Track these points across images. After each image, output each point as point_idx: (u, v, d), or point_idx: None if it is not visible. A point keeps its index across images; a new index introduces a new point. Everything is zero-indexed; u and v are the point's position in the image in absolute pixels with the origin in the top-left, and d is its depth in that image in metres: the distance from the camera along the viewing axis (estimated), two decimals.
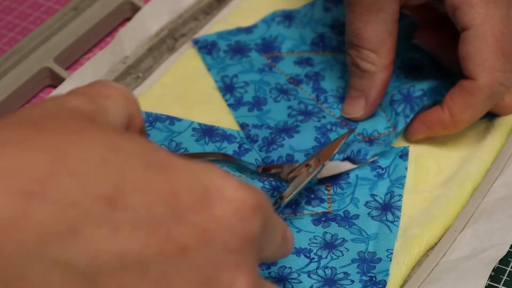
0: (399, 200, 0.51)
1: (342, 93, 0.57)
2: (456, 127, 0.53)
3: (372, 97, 0.54)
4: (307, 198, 0.51)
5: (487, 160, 0.53)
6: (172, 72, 0.60)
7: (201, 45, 0.61)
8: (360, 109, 0.54)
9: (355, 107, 0.55)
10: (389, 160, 0.53)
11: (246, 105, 0.57)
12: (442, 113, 0.53)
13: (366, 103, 0.54)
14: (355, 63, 0.54)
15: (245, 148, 0.54)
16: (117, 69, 0.59)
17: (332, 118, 0.56)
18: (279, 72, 0.59)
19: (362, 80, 0.54)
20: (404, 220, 0.50)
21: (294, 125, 0.55)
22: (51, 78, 0.60)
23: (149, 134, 0.55)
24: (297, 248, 0.49)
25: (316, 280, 0.47)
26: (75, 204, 0.29)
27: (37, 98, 0.60)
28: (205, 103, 0.57)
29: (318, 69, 0.59)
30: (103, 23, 0.63)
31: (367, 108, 0.54)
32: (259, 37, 0.61)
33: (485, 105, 0.52)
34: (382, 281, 0.47)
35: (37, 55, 0.60)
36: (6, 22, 0.65)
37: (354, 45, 0.53)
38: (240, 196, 0.33)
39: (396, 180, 0.52)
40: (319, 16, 0.62)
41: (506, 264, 0.49)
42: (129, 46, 0.60)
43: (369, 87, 0.54)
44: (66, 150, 0.30)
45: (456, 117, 0.52)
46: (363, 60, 0.53)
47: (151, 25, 0.62)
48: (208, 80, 0.59)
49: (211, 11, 0.64)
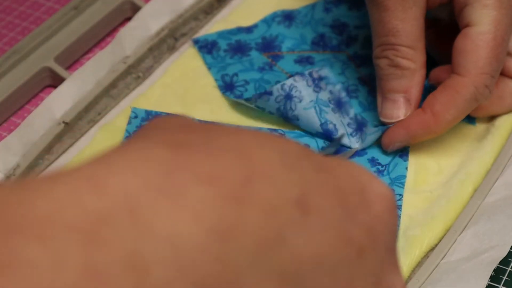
0: (399, 200, 0.51)
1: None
2: (437, 127, 0.51)
3: (415, 97, 0.52)
4: None
5: (487, 160, 0.53)
6: (172, 72, 0.60)
7: (201, 44, 0.61)
8: (402, 112, 0.52)
9: (396, 110, 0.52)
10: (389, 158, 0.53)
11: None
12: (423, 114, 0.51)
13: (408, 104, 0.52)
14: (395, 63, 0.52)
15: None
16: (118, 69, 0.59)
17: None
18: (279, 70, 0.59)
19: (402, 80, 0.52)
20: (405, 220, 0.50)
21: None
22: (52, 77, 0.60)
23: None
24: None
25: None
26: (276, 209, 0.28)
27: (37, 98, 0.60)
28: (205, 102, 0.57)
29: (318, 67, 0.59)
30: (103, 22, 0.63)
31: (411, 110, 0.52)
32: (260, 37, 0.61)
33: (467, 106, 0.51)
34: None
35: (37, 54, 0.60)
36: (7, 22, 0.65)
37: (392, 44, 0.52)
38: (386, 192, 0.32)
39: (396, 178, 0.52)
40: (320, 16, 0.62)
41: (506, 264, 0.49)
42: (129, 46, 0.60)
43: (410, 86, 0.52)
44: (250, 152, 0.29)
45: (439, 116, 0.51)
46: (403, 58, 0.52)
47: (152, 24, 0.62)
48: (208, 79, 0.59)
49: (211, 11, 0.64)
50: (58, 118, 0.56)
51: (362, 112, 0.56)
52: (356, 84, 0.58)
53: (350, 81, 0.58)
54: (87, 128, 0.57)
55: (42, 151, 0.55)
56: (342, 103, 0.54)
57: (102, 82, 0.58)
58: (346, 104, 0.54)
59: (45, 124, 0.56)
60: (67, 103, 0.57)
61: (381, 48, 0.52)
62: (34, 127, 0.55)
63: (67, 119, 0.56)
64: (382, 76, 0.53)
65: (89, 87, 0.58)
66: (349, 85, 0.57)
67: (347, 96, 0.55)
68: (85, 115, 0.57)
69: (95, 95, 0.58)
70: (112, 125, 0.56)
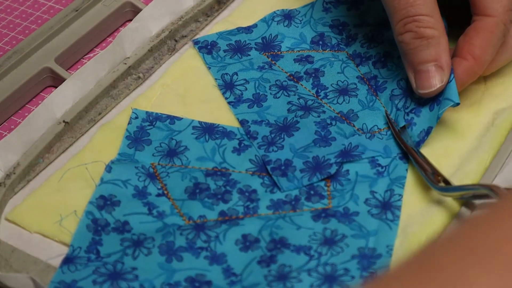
0: (399, 200, 0.51)
1: (343, 87, 0.57)
2: (480, 70, 0.54)
3: (445, 62, 0.54)
4: (307, 194, 0.51)
5: (486, 159, 0.53)
6: (172, 72, 0.60)
7: (201, 45, 0.61)
8: (438, 79, 0.53)
9: (431, 79, 0.54)
10: (389, 159, 0.53)
11: (246, 102, 0.57)
12: (465, 61, 0.54)
13: (441, 70, 0.53)
14: (420, 33, 0.53)
15: (245, 145, 0.54)
16: (118, 70, 0.59)
17: (332, 113, 0.56)
18: (279, 69, 0.59)
19: (430, 49, 0.53)
20: (404, 219, 0.50)
21: (293, 121, 0.55)
22: (52, 78, 0.60)
23: (150, 133, 0.55)
24: (296, 245, 0.49)
25: (316, 278, 0.47)
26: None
27: (38, 98, 0.60)
28: (205, 102, 0.58)
29: (318, 66, 0.59)
30: (104, 24, 0.64)
31: (445, 75, 0.54)
32: (259, 37, 0.61)
33: (499, 43, 0.54)
34: None
35: (38, 55, 0.61)
36: (8, 22, 0.66)
37: (412, 16, 0.53)
38: None
39: (396, 179, 0.52)
40: (319, 16, 0.62)
41: None
42: (130, 47, 0.61)
43: (439, 53, 0.53)
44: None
45: (480, 59, 0.54)
46: (427, 27, 0.53)
47: (152, 26, 0.62)
48: (208, 79, 0.59)
49: (211, 13, 0.64)
50: (59, 118, 0.56)
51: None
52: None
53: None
54: (87, 127, 0.57)
55: (42, 150, 0.55)
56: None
57: (102, 82, 0.59)
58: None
59: (45, 123, 0.56)
60: (67, 102, 0.57)
61: (403, 23, 0.54)
62: (34, 126, 0.55)
63: (67, 118, 0.56)
64: (409, 51, 0.54)
65: (89, 87, 0.58)
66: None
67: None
68: (85, 114, 0.57)
69: (95, 95, 0.58)
70: (112, 124, 0.57)
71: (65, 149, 0.56)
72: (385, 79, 0.57)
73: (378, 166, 0.53)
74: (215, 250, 0.49)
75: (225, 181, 0.52)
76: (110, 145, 0.55)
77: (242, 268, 0.48)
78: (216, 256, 0.49)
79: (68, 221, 0.51)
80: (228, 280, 0.48)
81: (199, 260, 0.49)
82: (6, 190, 0.53)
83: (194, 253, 0.49)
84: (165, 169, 0.53)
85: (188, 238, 0.50)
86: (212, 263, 0.48)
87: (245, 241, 0.49)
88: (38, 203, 0.52)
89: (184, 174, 0.53)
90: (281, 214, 0.51)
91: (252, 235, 0.49)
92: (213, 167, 0.53)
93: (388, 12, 0.55)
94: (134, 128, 0.56)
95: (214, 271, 0.48)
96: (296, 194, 0.51)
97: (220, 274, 0.48)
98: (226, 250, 0.49)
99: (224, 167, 0.53)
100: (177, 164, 0.54)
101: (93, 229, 0.50)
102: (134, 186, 0.52)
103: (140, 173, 0.53)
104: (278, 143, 0.54)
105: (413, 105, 0.54)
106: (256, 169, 0.53)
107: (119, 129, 0.56)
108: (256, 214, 0.51)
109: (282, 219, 0.50)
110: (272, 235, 0.49)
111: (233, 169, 0.53)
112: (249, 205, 0.51)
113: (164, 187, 0.52)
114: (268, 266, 0.48)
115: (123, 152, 0.54)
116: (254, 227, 0.50)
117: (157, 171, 0.53)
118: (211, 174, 0.53)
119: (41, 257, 0.50)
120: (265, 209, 0.51)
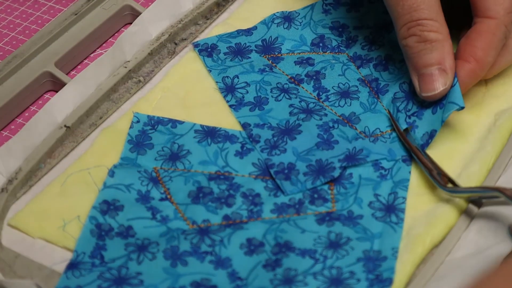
0: (403, 203, 0.51)
1: (344, 89, 0.57)
2: (483, 72, 0.54)
3: (449, 65, 0.54)
4: (311, 198, 0.51)
5: (489, 160, 0.53)
6: (173, 76, 0.60)
7: (201, 48, 0.61)
8: (442, 82, 0.54)
9: (435, 83, 0.54)
10: (392, 162, 0.53)
11: (247, 105, 0.57)
12: (468, 64, 0.54)
13: (444, 73, 0.54)
14: (423, 37, 0.53)
15: (247, 148, 0.54)
16: (118, 73, 0.59)
17: (333, 116, 0.56)
18: (279, 72, 0.59)
19: (434, 53, 0.54)
20: (408, 221, 0.50)
21: (296, 124, 0.55)
22: (52, 82, 0.60)
23: (152, 137, 0.55)
24: (301, 249, 0.49)
25: (322, 281, 0.47)
26: None
27: (38, 102, 0.60)
28: (206, 105, 0.57)
29: (318, 68, 0.59)
30: (103, 28, 0.63)
31: (448, 79, 0.54)
32: (259, 39, 0.61)
33: (500, 45, 0.55)
34: (389, 279, 0.47)
35: (38, 59, 0.61)
36: (8, 22, 0.66)
37: (416, 20, 0.53)
38: None
39: (400, 182, 0.52)
40: (319, 17, 0.62)
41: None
42: (130, 51, 0.61)
43: (443, 57, 0.54)
44: None
45: (482, 62, 0.54)
46: (430, 31, 0.53)
47: (152, 29, 0.62)
48: (209, 82, 0.59)
49: (211, 16, 0.64)
50: (60, 122, 0.56)
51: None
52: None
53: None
54: (89, 132, 0.57)
55: (44, 154, 0.55)
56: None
57: (103, 86, 0.59)
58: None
59: (46, 128, 0.56)
60: (68, 107, 0.57)
61: (406, 27, 0.54)
62: (35, 131, 0.55)
63: (68, 123, 0.56)
64: (413, 54, 0.54)
65: (90, 91, 0.58)
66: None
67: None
68: (86, 119, 0.57)
69: (96, 99, 0.58)
70: (113, 128, 0.57)
71: (67, 153, 0.56)
72: (387, 82, 0.58)
73: (381, 169, 0.53)
74: (219, 254, 0.49)
75: (228, 185, 0.52)
76: (112, 150, 0.55)
77: (248, 272, 0.48)
78: (221, 260, 0.49)
79: (71, 226, 0.51)
80: (234, 284, 0.48)
81: (204, 264, 0.49)
82: (8, 196, 0.53)
83: (199, 258, 0.49)
84: (167, 173, 0.53)
85: (193, 242, 0.49)
86: (217, 268, 0.48)
87: (249, 245, 0.49)
88: (40, 208, 0.52)
89: (187, 178, 0.53)
90: (285, 218, 0.51)
91: (256, 239, 0.49)
92: (216, 171, 0.53)
93: (392, 16, 0.55)
94: (136, 132, 0.56)
95: (219, 275, 0.48)
96: (299, 198, 0.51)
97: (226, 279, 0.48)
98: (230, 254, 0.49)
99: (227, 170, 0.53)
100: (179, 168, 0.54)
101: (97, 234, 0.50)
102: (137, 191, 0.52)
103: (142, 178, 0.53)
104: (280, 146, 0.54)
105: (415, 108, 0.55)
106: (259, 173, 0.53)
107: (121, 133, 0.56)
108: (260, 218, 0.51)
109: (286, 223, 0.50)
110: (277, 238, 0.49)
111: (236, 173, 0.53)
112: (252, 209, 0.51)
113: (167, 191, 0.52)
114: (274, 270, 0.48)
115: (125, 156, 0.54)
116: (258, 231, 0.50)
117: (160, 175, 0.53)
118: (214, 178, 0.53)
119: (45, 263, 0.50)
120: (269, 212, 0.51)
